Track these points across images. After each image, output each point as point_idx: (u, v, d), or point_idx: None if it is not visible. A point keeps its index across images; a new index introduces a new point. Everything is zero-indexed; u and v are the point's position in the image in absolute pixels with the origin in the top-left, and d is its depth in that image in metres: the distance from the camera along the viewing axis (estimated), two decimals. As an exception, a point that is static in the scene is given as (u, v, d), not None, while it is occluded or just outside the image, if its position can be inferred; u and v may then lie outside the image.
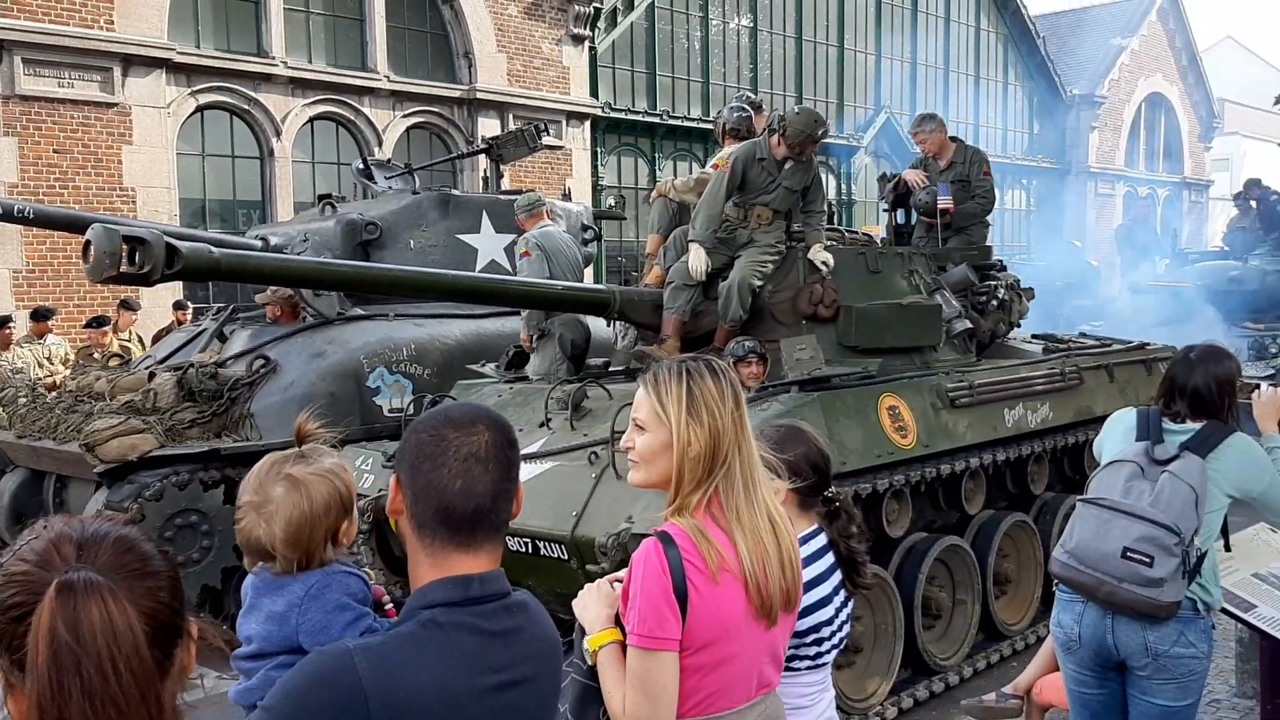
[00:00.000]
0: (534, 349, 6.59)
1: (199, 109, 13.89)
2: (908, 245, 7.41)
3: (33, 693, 1.09)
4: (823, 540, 2.61)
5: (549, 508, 4.88)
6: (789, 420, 3.05)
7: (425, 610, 1.68)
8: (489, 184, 10.05)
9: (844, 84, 23.49)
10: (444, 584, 1.70)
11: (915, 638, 5.61)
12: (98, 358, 9.26)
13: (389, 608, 2.20)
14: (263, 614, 2.06)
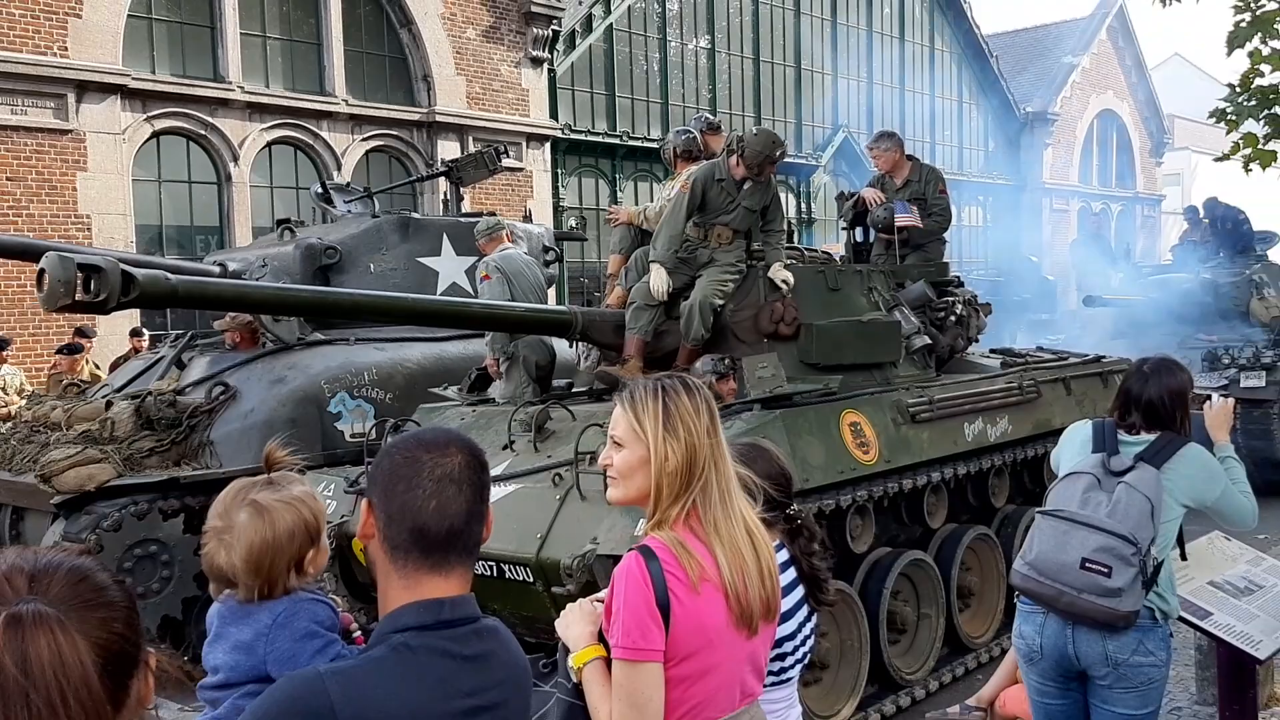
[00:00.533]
0: (500, 374, 6.57)
1: (155, 135, 13.79)
2: (866, 263, 7.48)
3: None
4: (784, 556, 2.63)
5: (513, 530, 4.86)
6: (751, 438, 3.08)
7: (397, 634, 1.68)
8: (449, 207, 10.03)
9: (801, 104, 23.70)
10: (416, 608, 1.70)
11: (881, 653, 5.64)
12: (70, 382, 9.13)
13: (356, 635, 2.19)
14: (229, 643, 2.04)
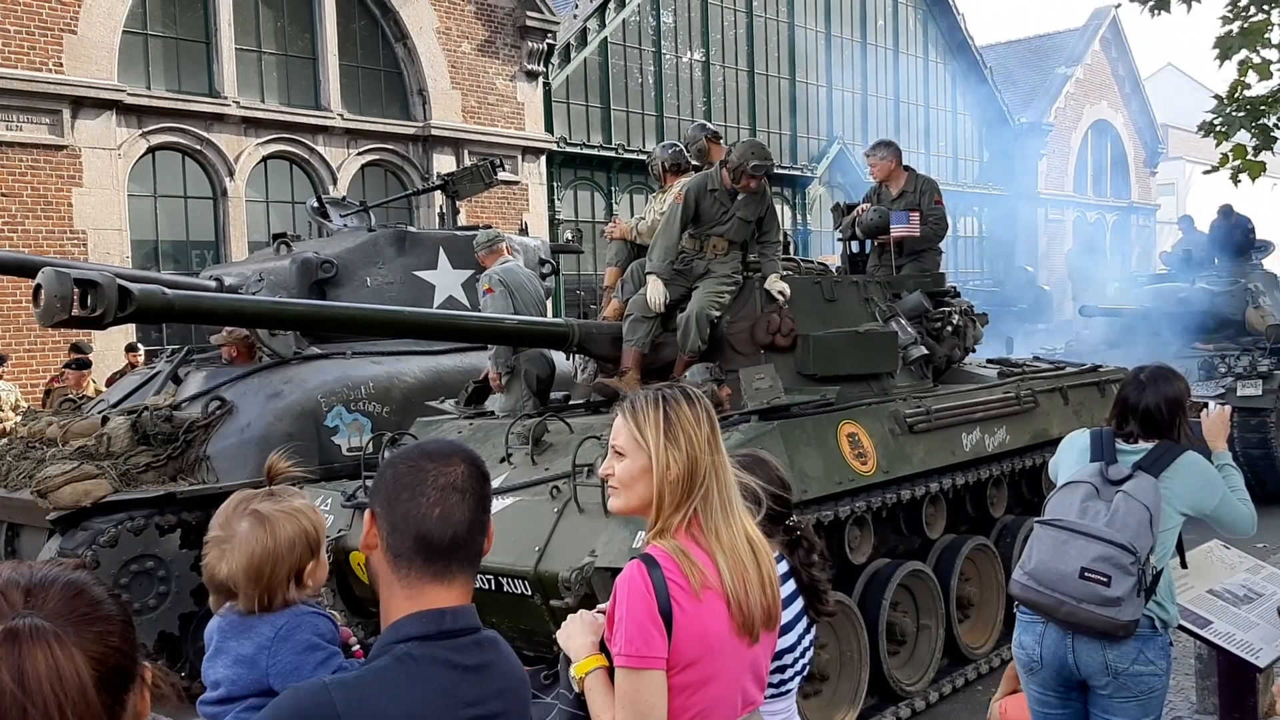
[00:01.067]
0: (502, 387, 6.58)
1: (150, 150, 13.79)
2: (863, 274, 7.49)
3: None
4: (784, 568, 2.62)
5: (511, 543, 4.85)
6: (749, 449, 3.07)
7: (400, 644, 1.68)
8: (445, 220, 10.04)
9: (796, 116, 23.76)
10: (418, 618, 1.71)
11: (881, 664, 5.62)
12: (74, 398, 9.12)
13: (356, 649, 2.19)
14: (230, 657, 2.04)
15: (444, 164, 16.14)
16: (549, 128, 18.51)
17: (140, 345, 11.92)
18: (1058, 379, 7.55)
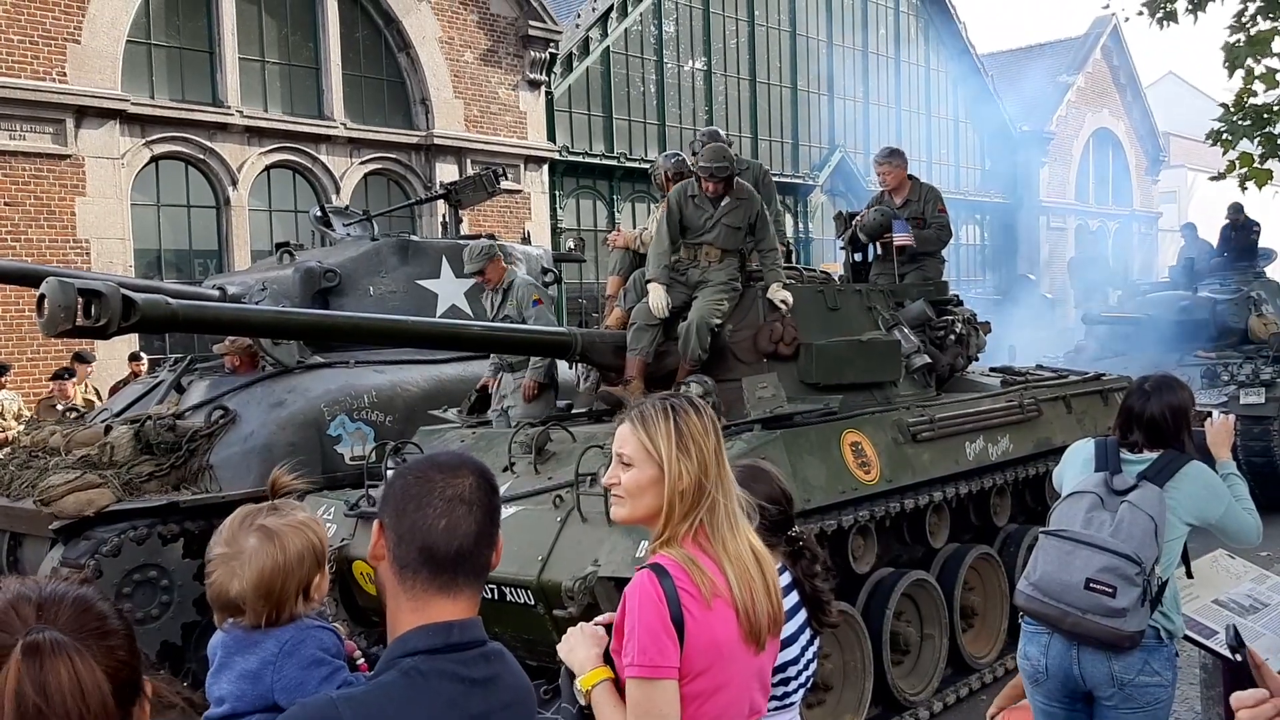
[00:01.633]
0: (536, 397, 6.60)
1: (154, 159, 13.81)
2: (865, 282, 7.49)
3: None
4: (786, 579, 2.61)
5: (514, 552, 4.84)
6: (750, 460, 3.06)
7: (406, 658, 1.68)
8: (448, 229, 10.05)
9: (798, 124, 23.77)
10: (424, 631, 1.70)
11: (885, 674, 5.61)
12: (61, 409, 9.12)
13: (361, 663, 2.18)
14: (234, 672, 2.03)
15: (447, 173, 16.16)
16: (551, 137, 18.53)
17: (143, 354, 11.91)
18: (1061, 387, 7.54)
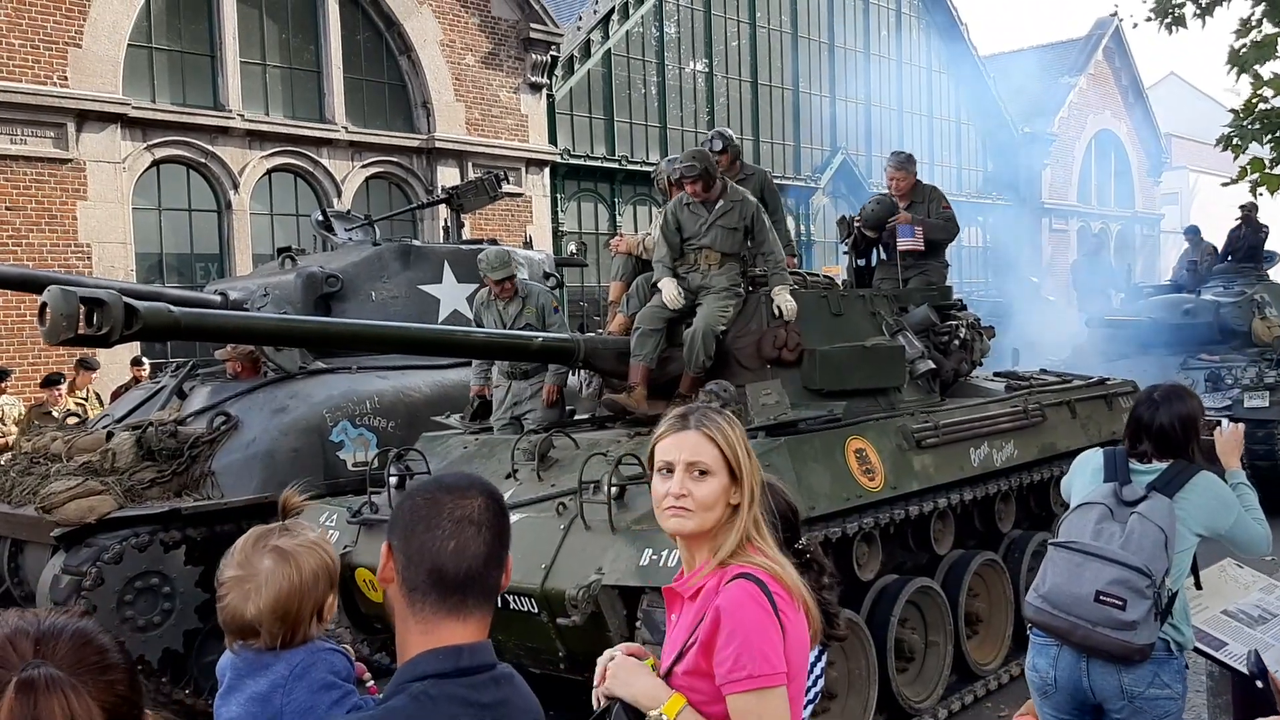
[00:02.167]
0: (555, 403, 6.61)
1: (155, 163, 13.81)
2: (869, 287, 7.47)
3: None
4: (797, 593, 2.59)
5: (517, 560, 4.72)
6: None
7: (416, 682, 1.66)
8: (450, 234, 10.04)
9: (800, 126, 23.78)
10: (434, 655, 1.68)
11: (889, 681, 5.59)
12: (55, 415, 9.11)
13: (370, 685, 2.17)
14: (244, 695, 2.01)
15: (448, 176, 16.16)
16: (552, 140, 18.53)
17: (145, 359, 11.91)
18: (1065, 392, 7.52)
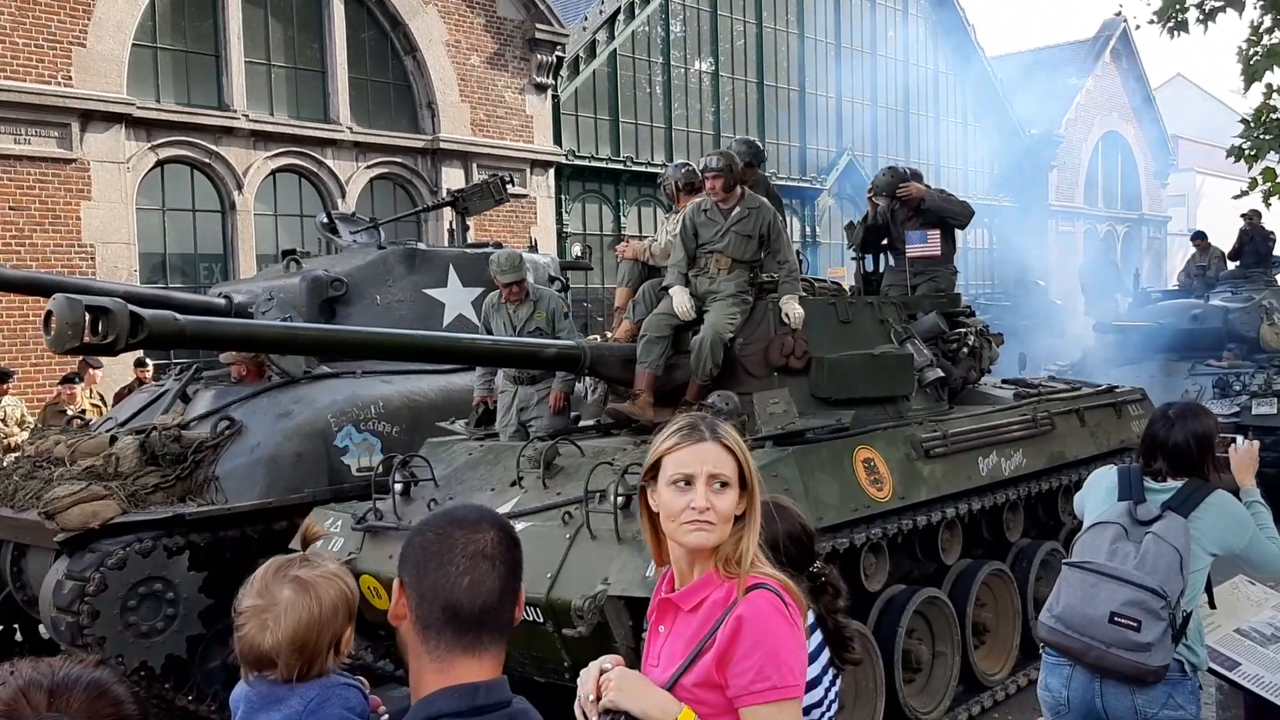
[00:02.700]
0: (563, 410, 6.58)
1: (159, 163, 13.78)
2: (876, 293, 7.43)
3: None
4: (810, 618, 2.55)
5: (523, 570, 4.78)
6: (769, 496, 3.00)
7: None
8: (455, 236, 9.99)
9: (806, 127, 23.72)
10: (449, 694, 1.65)
11: (896, 692, 5.55)
12: (70, 413, 9.09)
13: (385, 717, 2.14)
14: None
15: (453, 177, 16.13)
16: (558, 140, 18.49)
17: (149, 360, 11.88)
18: (1074, 400, 7.47)
